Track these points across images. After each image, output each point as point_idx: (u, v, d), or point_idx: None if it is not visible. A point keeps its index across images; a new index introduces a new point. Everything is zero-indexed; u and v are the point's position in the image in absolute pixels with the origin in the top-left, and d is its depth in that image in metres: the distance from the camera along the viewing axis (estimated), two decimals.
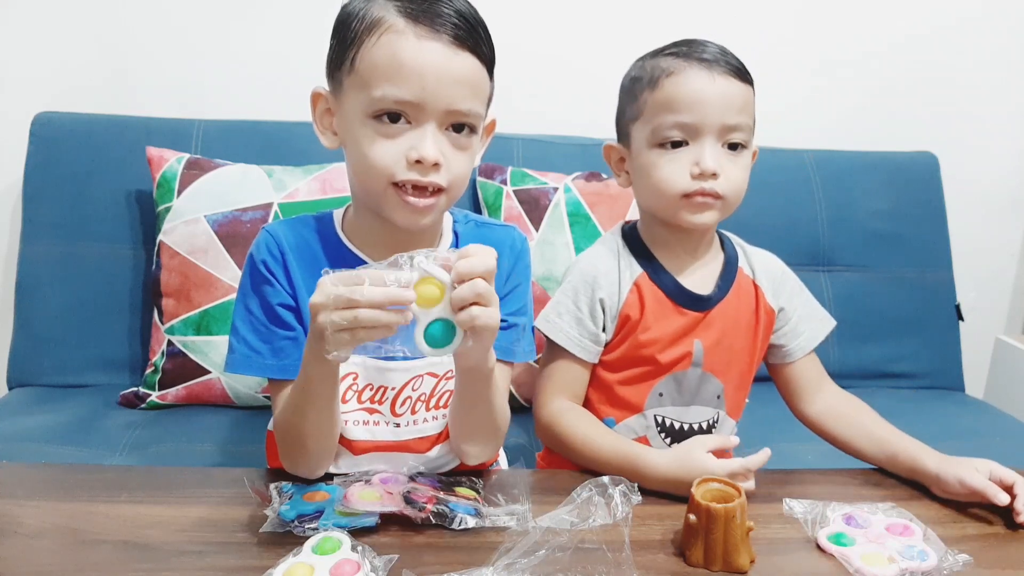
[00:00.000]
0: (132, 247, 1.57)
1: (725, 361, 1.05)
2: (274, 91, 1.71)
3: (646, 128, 0.98)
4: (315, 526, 0.77)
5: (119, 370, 1.55)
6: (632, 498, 0.84)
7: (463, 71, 0.82)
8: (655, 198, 1.00)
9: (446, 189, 0.85)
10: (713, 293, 1.04)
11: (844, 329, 1.78)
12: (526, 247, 1.00)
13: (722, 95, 0.95)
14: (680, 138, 0.96)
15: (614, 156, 1.06)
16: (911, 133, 1.92)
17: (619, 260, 1.04)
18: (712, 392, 1.05)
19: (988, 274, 2.08)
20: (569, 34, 1.82)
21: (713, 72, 0.96)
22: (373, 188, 0.85)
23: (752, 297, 1.06)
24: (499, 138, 1.69)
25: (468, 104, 0.83)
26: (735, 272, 1.06)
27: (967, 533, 0.85)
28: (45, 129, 1.57)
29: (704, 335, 1.03)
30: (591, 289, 1.02)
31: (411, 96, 0.81)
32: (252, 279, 0.91)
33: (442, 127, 0.83)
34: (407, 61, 0.80)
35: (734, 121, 0.96)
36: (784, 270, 1.11)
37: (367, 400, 0.93)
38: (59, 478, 0.90)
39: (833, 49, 1.92)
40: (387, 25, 0.81)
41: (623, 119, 1.04)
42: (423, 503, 0.81)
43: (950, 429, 1.52)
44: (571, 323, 1.02)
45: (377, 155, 0.82)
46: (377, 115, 0.82)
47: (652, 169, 0.98)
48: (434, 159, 0.82)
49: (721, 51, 0.98)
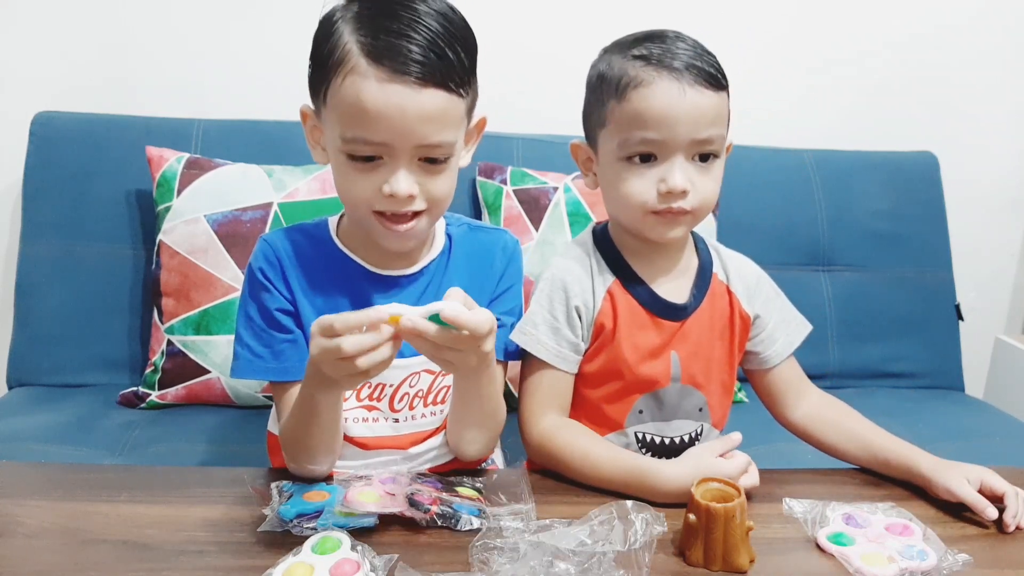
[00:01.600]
0: (132, 247, 1.57)
1: (704, 372, 1.01)
2: (274, 91, 1.71)
3: (612, 139, 0.93)
4: (314, 526, 0.77)
5: (119, 370, 1.55)
6: (655, 528, 0.77)
7: (429, 108, 0.81)
8: (622, 211, 0.96)
9: (426, 211, 0.87)
10: (688, 302, 0.99)
11: (844, 329, 1.79)
12: (518, 249, 1.02)
13: (692, 110, 0.89)
14: (648, 152, 0.91)
15: (581, 155, 1.01)
16: (911, 133, 1.92)
17: (592, 267, 0.99)
18: (694, 405, 1.01)
19: (988, 274, 2.08)
20: (569, 34, 1.82)
21: (683, 84, 0.89)
22: (356, 215, 0.89)
23: (727, 303, 1.02)
24: (499, 138, 1.72)
25: (438, 137, 0.83)
26: (709, 278, 1.02)
27: (967, 533, 0.85)
28: (45, 129, 1.57)
29: (680, 346, 0.99)
30: (565, 297, 0.97)
31: (379, 139, 0.81)
32: (251, 287, 0.93)
33: (415, 160, 0.84)
34: (370, 107, 0.80)
35: (705, 135, 0.90)
36: (759, 275, 1.07)
37: (366, 397, 0.95)
38: (59, 478, 0.90)
39: (833, 49, 1.92)
40: (351, 65, 0.80)
41: (589, 121, 0.99)
42: (428, 505, 0.81)
43: (950, 429, 1.52)
44: (547, 333, 0.97)
45: (354, 190, 0.85)
46: (350, 155, 0.84)
47: (619, 183, 0.93)
48: (406, 193, 0.83)
49: (693, 53, 0.91)
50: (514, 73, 1.81)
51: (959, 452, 1.45)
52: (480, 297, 0.96)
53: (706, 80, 0.90)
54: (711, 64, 0.91)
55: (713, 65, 0.91)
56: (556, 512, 0.83)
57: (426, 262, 0.96)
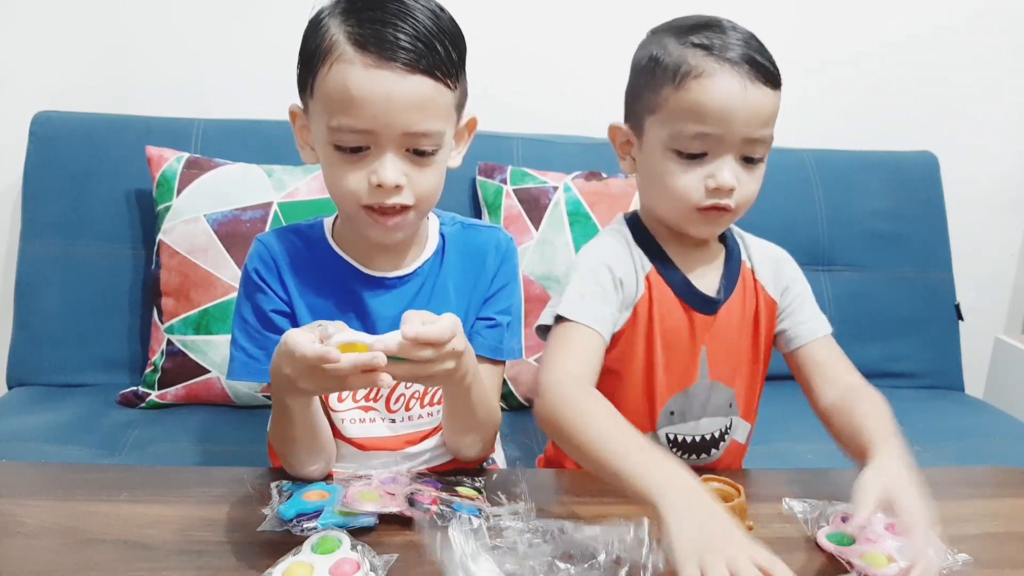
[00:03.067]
0: (132, 246, 1.57)
1: (732, 366, 1.00)
2: (274, 91, 1.69)
3: (664, 129, 0.91)
4: (314, 525, 0.77)
5: (119, 369, 1.55)
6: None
7: (416, 95, 0.81)
8: (666, 205, 0.95)
9: (413, 206, 0.86)
10: (719, 295, 0.98)
11: (844, 329, 1.76)
12: (512, 247, 1.00)
13: (752, 107, 0.88)
14: (700, 148, 0.90)
15: (620, 138, 0.98)
16: (911, 133, 1.92)
17: (631, 250, 0.97)
18: (724, 400, 1.00)
19: (988, 274, 2.08)
20: (569, 34, 1.82)
21: (745, 80, 0.87)
22: (345, 210, 0.89)
23: (753, 293, 1.01)
24: (499, 138, 1.72)
25: (424, 125, 0.82)
26: (738, 267, 1.01)
27: (967, 533, 0.85)
28: (45, 128, 1.57)
29: (710, 342, 0.98)
30: (609, 270, 0.94)
31: (365, 126, 0.81)
32: (246, 288, 0.93)
33: (402, 149, 0.84)
34: (356, 92, 0.80)
35: (758, 135, 0.90)
36: (785, 259, 1.06)
37: (362, 398, 0.95)
38: (59, 477, 0.90)
39: (833, 48, 1.92)
40: (338, 54, 0.81)
41: (636, 103, 0.95)
42: (427, 504, 0.81)
43: (950, 429, 1.52)
44: (598, 303, 0.92)
45: (343, 182, 0.85)
46: (338, 146, 0.83)
47: (666, 176, 0.92)
48: (393, 183, 0.83)
49: (755, 47, 0.89)
50: (514, 73, 1.81)
51: (959, 452, 1.45)
52: (473, 297, 0.97)
53: (766, 77, 0.89)
54: (770, 60, 0.90)
55: (771, 61, 0.90)
56: (556, 512, 0.83)
57: (419, 263, 0.95)
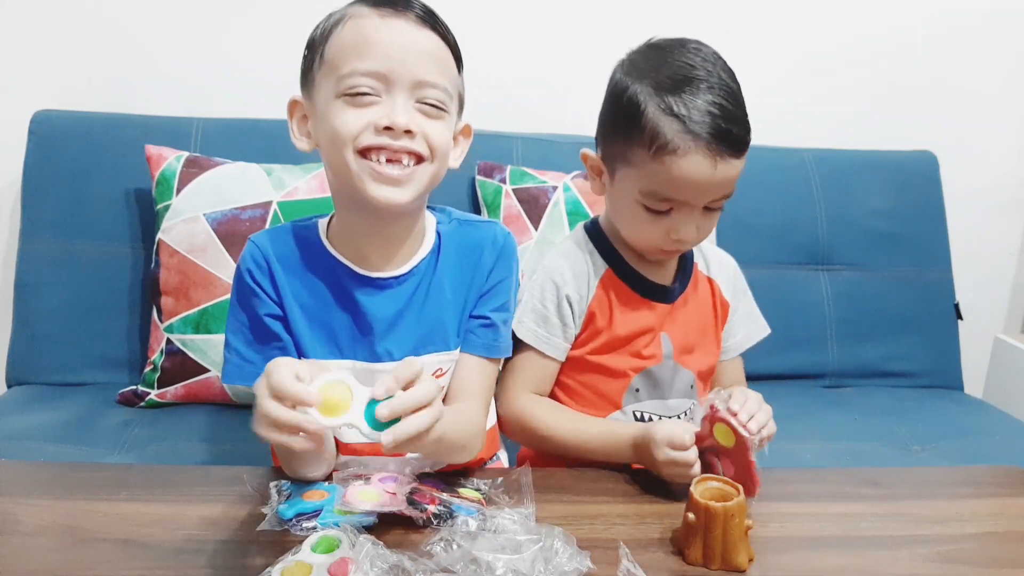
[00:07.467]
0: (131, 245, 1.57)
1: (692, 351, 1.07)
2: (273, 89, 1.69)
3: (634, 185, 0.96)
4: (313, 525, 0.77)
5: (118, 368, 1.55)
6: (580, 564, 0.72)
7: (429, 46, 0.85)
8: (630, 235, 1.02)
9: (426, 158, 0.85)
10: (674, 286, 1.06)
11: (843, 328, 1.79)
12: (509, 242, 0.99)
13: (719, 180, 0.93)
14: (667, 208, 0.96)
15: (592, 163, 1.05)
16: (911, 133, 1.92)
17: (586, 259, 1.05)
18: (686, 383, 1.07)
19: (987, 274, 2.08)
20: (569, 33, 1.82)
21: (716, 158, 0.91)
22: (342, 162, 0.83)
23: (708, 291, 1.10)
24: (499, 137, 1.72)
25: (436, 77, 0.84)
26: (691, 268, 1.09)
27: (967, 533, 0.85)
28: (44, 127, 1.57)
29: (671, 328, 1.05)
30: (555, 287, 1.02)
31: (378, 67, 0.82)
32: (239, 291, 0.92)
33: (412, 101, 0.84)
34: (372, 36, 0.82)
35: (722, 194, 0.96)
36: (736, 268, 1.14)
37: None
38: (58, 476, 0.90)
39: (833, 49, 1.92)
40: (352, 14, 0.85)
41: (611, 145, 1.00)
42: (425, 504, 0.81)
43: (949, 428, 1.52)
44: (536, 321, 1.02)
45: (343, 124, 0.82)
46: (346, 92, 0.82)
47: (633, 220, 0.99)
48: (404, 125, 0.82)
49: (728, 113, 0.92)
50: (514, 73, 1.81)
51: (958, 451, 1.45)
52: (469, 294, 0.96)
53: (734, 149, 0.93)
54: (742, 125, 0.94)
55: (744, 125, 0.94)
56: (556, 512, 0.83)
57: (415, 262, 0.94)
